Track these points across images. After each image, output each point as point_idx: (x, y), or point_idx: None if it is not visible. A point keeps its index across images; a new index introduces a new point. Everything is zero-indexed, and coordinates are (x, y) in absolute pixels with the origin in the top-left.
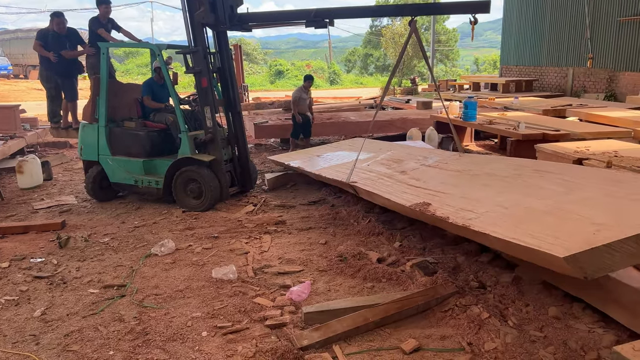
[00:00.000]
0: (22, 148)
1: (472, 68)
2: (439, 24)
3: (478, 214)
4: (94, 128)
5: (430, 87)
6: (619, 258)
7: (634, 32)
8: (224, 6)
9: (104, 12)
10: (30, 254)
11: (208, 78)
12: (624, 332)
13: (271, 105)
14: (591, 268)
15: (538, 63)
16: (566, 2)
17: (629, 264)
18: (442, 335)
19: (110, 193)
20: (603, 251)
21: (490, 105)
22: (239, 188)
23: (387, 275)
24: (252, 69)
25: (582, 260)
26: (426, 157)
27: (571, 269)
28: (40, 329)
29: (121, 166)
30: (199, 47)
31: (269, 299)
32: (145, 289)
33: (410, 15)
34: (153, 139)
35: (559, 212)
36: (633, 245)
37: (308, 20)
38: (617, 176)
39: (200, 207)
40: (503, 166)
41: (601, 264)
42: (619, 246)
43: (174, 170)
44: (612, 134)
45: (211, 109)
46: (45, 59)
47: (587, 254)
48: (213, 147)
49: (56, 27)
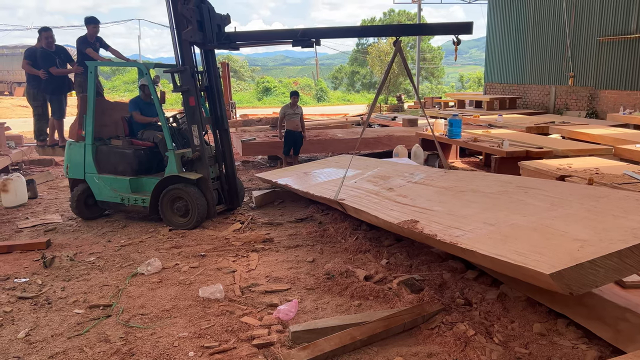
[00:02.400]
0: (6, 166)
1: (457, 85)
2: (424, 42)
3: (465, 231)
4: (80, 146)
5: (416, 104)
6: (602, 274)
7: (613, 51)
8: (211, 25)
9: (92, 32)
10: (14, 273)
11: (196, 96)
12: (607, 348)
13: (259, 122)
14: (576, 284)
15: (521, 81)
16: (547, 22)
17: (612, 279)
18: (429, 353)
19: (96, 211)
20: (587, 267)
21: (475, 122)
22: (227, 206)
23: (374, 293)
24: (239, 86)
25: (567, 276)
26: (412, 174)
27: (557, 285)
28: (25, 351)
29: (107, 184)
30: (187, 66)
31: (256, 318)
32: (131, 308)
33: (395, 35)
34: (140, 157)
35: (543, 228)
36: (615, 261)
37: (295, 39)
38: (598, 192)
39: (188, 225)
40: (488, 183)
41: (586, 280)
42: (602, 262)
43: (160, 188)
44: (594, 152)
45: (198, 127)
46: (33, 77)
47: (572, 270)
48: (200, 165)
49: (44, 41)
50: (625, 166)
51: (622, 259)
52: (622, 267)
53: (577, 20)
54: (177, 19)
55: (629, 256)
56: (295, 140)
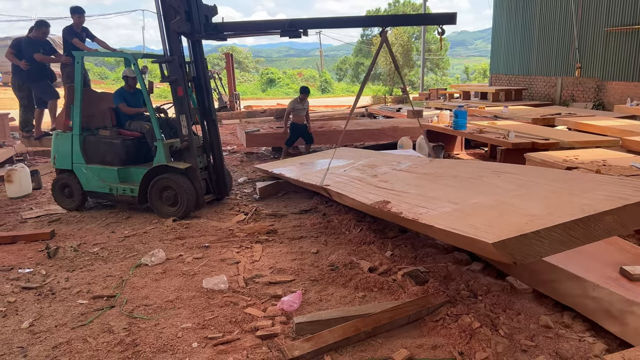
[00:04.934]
0: (11, 157)
1: (462, 77)
2: (430, 33)
3: (429, 210)
4: (67, 136)
5: (422, 95)
6: (547, 245)
7: (621, 42)
8: (199, 15)
9: (78, 22)
10: (19, 264)
11: (184, 87)
12: (614, 341)
13: (263, 114)
14: (520, 254)
15: (527, 72)
16: (554, 12)
17: (558, 250)
18: (433, 345)
19: (79, 201)
20: (531, 238)
21: (480, 114)
22: (215, 195)
23: (378, 285)
24: (243, 77)
25: (511, 246)
26: (400, 163)
27: (500, 254)
28: (28, 341)
29: (95, 174)
30: (175, 57)
31: (260, 309)
32: (135, 299)
33: (381, 25)
34: (128, 147)
35: (502, 206)
36: (560, 233)
37: (282, 30)
38: (567, 175)
39: (176, 214)
40: (468, 169)
41: (530, 250)
42: (546, 233)
43: (149, 178)
44: (601, 143)
45: (187, 117)
46: (17, 67)
47: (515, 240)
48: (189, 154)
49: (41, 34)
50: (632, 158)
51: (567, 231)
52: (566, 239)
53: (584, 10)
54: (165, 9)
55: (573, 228)
56: (300, 132)
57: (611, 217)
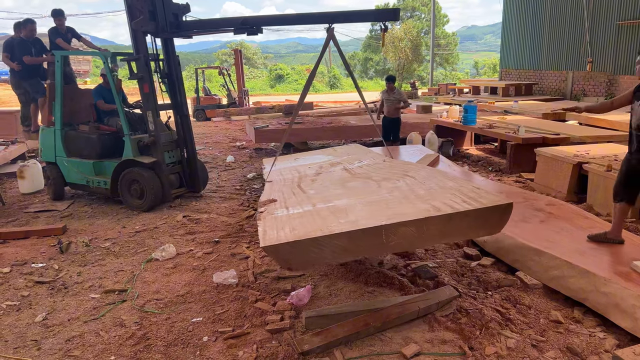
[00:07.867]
0: (23, 153)
1: (471, 72)
2: (439, 27)
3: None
4: (51, 131)
5: (431, 90)
6: (329, 252)
7: (633, 35)
8: (165, 14)
9: (59, 24)
10: (32, 259)
11: (150, 84)
12: (625, 337)
13: (271, 110)
14: (296, 260)
15: (537, 67)
16: (565, 6)
17: (343, 259)
18: (443, 340)
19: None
20: (309, 245)
21: (490, 109)
22: (188, 189)
23: (388, 280)
24: (252, 73)
25: (284, 251)
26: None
27: (274, 258)
28: (42, 334)
29: (74, 167)
30: (141, 55)
31: (270, 304)
32: (146, 293)
33: (327, 22)
34: (103, 142)
35: (340, 212)
36: (345, 242)
37: (236, 27)
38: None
39: (142, 207)
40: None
41: (307, 257)
42: (326, 241)
43: (119, 171)
44: (612, 138)
45: (153, 113)
46: None
47: (288, 246)
48: (155, 149)
49: (28, 32)
50: None
51: (353, 240)
52: (353, 249)
53: (595, 4)
54: (130, 9)
55: (360, 238)
56: (388, 125)
57: (407, 228)
